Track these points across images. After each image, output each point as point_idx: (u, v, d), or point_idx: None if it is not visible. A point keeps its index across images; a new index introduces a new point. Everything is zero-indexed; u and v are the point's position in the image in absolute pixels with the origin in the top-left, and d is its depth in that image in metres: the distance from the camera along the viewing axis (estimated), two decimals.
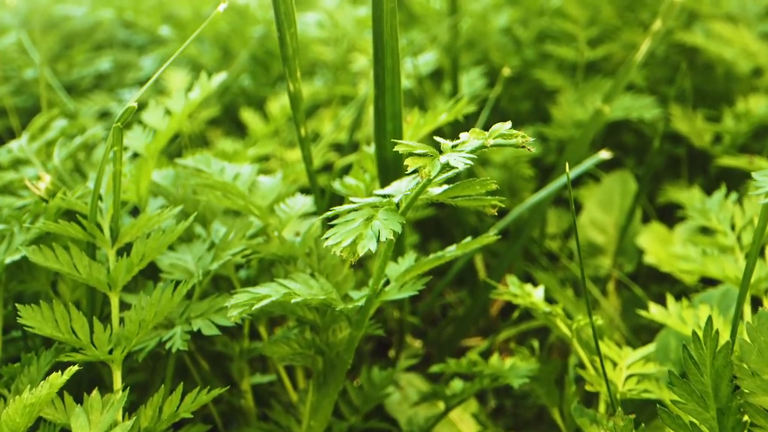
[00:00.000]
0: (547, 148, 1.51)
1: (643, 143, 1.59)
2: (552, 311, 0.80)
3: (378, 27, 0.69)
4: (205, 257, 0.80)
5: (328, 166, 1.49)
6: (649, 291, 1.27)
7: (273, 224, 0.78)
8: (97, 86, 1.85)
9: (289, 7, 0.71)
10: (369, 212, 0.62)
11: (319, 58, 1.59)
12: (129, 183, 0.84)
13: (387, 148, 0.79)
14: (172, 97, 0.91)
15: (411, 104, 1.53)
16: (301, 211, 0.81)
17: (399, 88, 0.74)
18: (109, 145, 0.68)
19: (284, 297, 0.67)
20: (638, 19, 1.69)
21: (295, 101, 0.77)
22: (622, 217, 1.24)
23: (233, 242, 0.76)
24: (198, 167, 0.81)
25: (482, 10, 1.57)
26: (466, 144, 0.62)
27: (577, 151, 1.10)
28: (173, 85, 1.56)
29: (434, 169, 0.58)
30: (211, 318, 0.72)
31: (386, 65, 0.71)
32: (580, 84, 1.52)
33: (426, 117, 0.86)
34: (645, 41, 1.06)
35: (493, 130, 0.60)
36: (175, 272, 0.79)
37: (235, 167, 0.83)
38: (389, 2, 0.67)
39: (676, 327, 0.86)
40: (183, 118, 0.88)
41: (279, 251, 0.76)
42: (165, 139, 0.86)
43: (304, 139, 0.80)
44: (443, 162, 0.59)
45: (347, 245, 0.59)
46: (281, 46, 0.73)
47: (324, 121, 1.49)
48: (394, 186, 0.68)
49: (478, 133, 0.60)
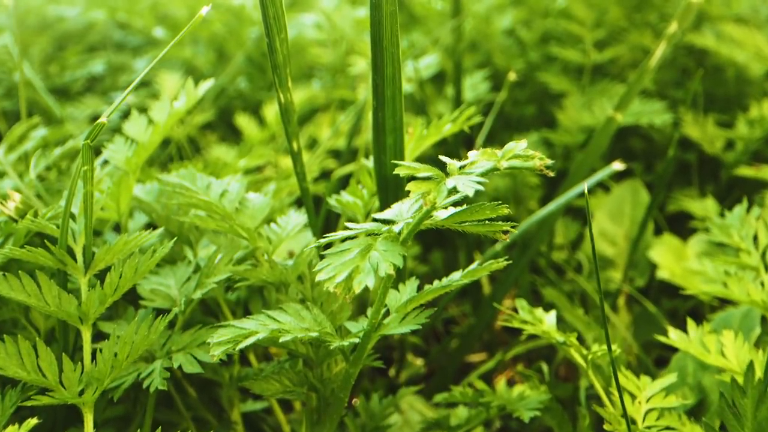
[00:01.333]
0: (552, 153, 1.43)
1: (652, 148, 1.51)
2: (566, 341, 0.72)
3: (377, 32, 0.61)
4: (190, 282, 0.72)
5: (326, 173, 1.41)
6: (660, 305, 1.19)
7: (262, 247, 0.70)
8: (90, 89, 1.77)
9: (279, 11, 0.63)
10: (366, 242, 0.55)
11: (317, 61, 1.51)
12: (108, 200, 0.76)
13: (387, 164, 0.71)
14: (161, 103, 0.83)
15: (412, 109, 1.45)
16: (293, 231, 0.73)
17: (400, 99, 0.66)
18: (79, 164, 0.60)
19: (272, 333, 0.59)
20: (645, 21, 1.61)
21: (287, 113, 0.69)
22: (633, 228, 1.16)
23: (218, 268, 0.68)
24: (182, 183, 0.73)
25: (485, 12, 1.49)
26: (475, 165, 0.54)
27: (588, 161, 1.02)
28: (166, 89, 1.48)
29: (440, 195, 0.51)
30: (194, 353, 0.64)
31: (386, 74, 0.63)
32: (586, 88, 1.44)
33: (429, 128, 0.78)
34: (659, 45, 0.98)
35: (507, 150, 0.52)
36: (157, 299, 0.71)
37: (221, 183, 0.75)
38: (389, 5, 0.59)
39: (697, 355, 0.78)
40: (167, 129, 0.80)
41: (269, 277, 0.68)
42: (148, 152, 0.78)
43: (296, 154, 0.72)
44: (450, 187, 0.51)
45: (341, 281, 0.52)
46: (270, 53, 0.65)
47: (322, 127, 1.41)
48: (394, 209, 0.61)
49: (489, 153, 0.52)
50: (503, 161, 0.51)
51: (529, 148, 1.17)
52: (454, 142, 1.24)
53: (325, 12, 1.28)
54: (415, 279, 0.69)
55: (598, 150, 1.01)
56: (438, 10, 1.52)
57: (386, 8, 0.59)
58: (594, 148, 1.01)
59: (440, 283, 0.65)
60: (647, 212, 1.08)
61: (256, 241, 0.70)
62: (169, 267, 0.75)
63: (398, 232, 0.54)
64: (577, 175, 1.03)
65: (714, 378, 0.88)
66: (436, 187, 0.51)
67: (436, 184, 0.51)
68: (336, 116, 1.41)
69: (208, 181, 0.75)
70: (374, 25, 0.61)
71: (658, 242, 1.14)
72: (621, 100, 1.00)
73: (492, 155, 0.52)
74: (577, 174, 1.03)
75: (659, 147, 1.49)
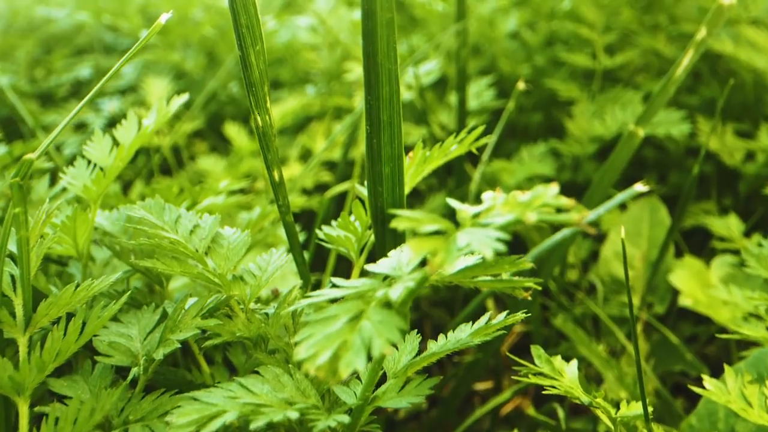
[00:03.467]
0: (561, 164, 1.30)
1: (665, 158, 1.38)
2: (592, 401, 0.60)
3: (370, 45, 0.49)
4: (155, 333, 0.60)
5: (321, 186, 1.28)
6: (679, 331, 1.07)
7: (238, 295, 0.58)
8: (77, 94, 1.64)
9: (253, 19, 0.50)
10: (357, 307, 0.42)
11: (312, 65, 1.39)
12: (63, 234, 0.64)
13: (383, 196, 0.59)
14: (128, 121, 0.71)
15: (412, 118, 1.32)
16: (276, 272, 0.61)
17: (399, 123, 0.53)
18: (11, 205, 0.48)
19: (244, 411, 0.47)
20: (654, 23, 1.48)
21: (265, 137, 0.56)
22: (651, 249, 1.04)
23: (185, 322, 0.56)
24: (145, 218, 0.61)
25: (489, 14, 1.36)
26: (492, 214, 0.41)
27: (606, 180, 0.90)
28: (153, 95, 1.36)
29: (449, 256, 0.38)
30: (153, 426, 0.52)
31: (382, 95, 0.51)
32: (596, 95, 1.32)
33: (433, 151, 0.66)
34: (687, 53, 0.86)
35: (535, 196, 0.40)
36: (115, 354, 0.58)
37: (192, 217, 0.62)
38: (385, 12, 0.46)
39: (738, 411, 0.66)
40: (133, 152, 0.67)
41: (244, 332, 0.56)
42: (110, 179, 0.66)
43: (278, 185, 0.59)
44: (462, 245, 0.39)
45: (324, 361, 0.40)
46: (244, 69, 0.53)
47: (316, 136, 1.28)
48: (392, 259, 0.48)
49: (513, 204, 0.40)
50: (529, 212, 0.39)
51: (537, 159, 1.03)
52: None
53: (319, 15, 1.15)
54: (417, 334, 0.57)
55: (618, 168, 0.89)
56: (439, 12, 1.39)
57: (381, 16, 0.47)
58: (613, 167, 0.89)
59: (446, 341, 0.53)
60: (668, 234, 0.96)
61: (230, 288, 0.57)
62: (133, 313, 0.63)
63: (396, 297, 0.42)
64: (594, 196, 0.91)
65: (750, 426, 0.76)
66: (445, 245, 0.39)
67: (444, 242, 0.39)
68: (331, 125, 1.28)
69: (177, 214, 0.63)
70: (367, 36, 0.48)
71: (679, 265, 1.01)
72: (643, 112, 0.88)
73: (515, 205, 0.40)
74: (594, 194, 0.91)
75: (673, 157, 1.37)
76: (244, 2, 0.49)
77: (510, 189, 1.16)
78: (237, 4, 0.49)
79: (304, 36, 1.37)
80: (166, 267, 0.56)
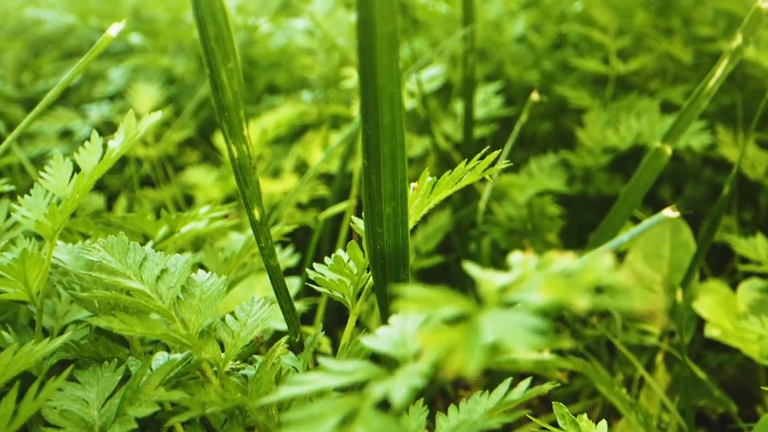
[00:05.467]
0: (572, 176, 1.20)
1: (681, 169, 1.28)
2: None
3: (368, 63, 0.38)
4: (114, 399, 0.49)
5: (317, 201, 1.18)
6: (703, 362, 0.97)
7: (211, 357, 0.47)
8: (64, 99, 1.53)
9: (223, 30, 0.39)
10: (349, 406, 0.32)
11: (309, 71, 1.28)
12: (12, 277, 0.54)
13: (384, 238, 0.48)
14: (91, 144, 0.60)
15: (414, 128, 1.21)
16: (256, 327, 0.50)
17: (402, 156, 0.43)
18: None
19: None
20: (667, 26, 1.37)
21: (243, 171, 0.46)
22: (673, 273, 0.93)
23: (146, 391, 0.45)
24: (104, 263, 0.50)
25: (496, 18, 1.25)
26: (525, 287, 0.31)
27: (630, 201, 0.79)
28: (140, 102, 1.25)
29: (472, 357, 0.28)
30: None
31: (382, 124, 0.40)
32: (609, 102, 1.21)
33: (440, 181, 0.55)
34: (721, 62, 0.75)
35: (585, 269, 0.30)
36: (67, 426, 0.48)
37: (160, 260, 0.52)
38: (386, 24, 0.36)
39: None
40: (94, 181, 0.57)
41: (218, 403, 0.46)
42: (67, 213, 0.56)
43: (259, 224, 0.49)
44: (489, 338, 0.28)
45: None
46: (214, 91, 0.42)
47: (313, 147, 1.18)
48: (395, 330, 0.38)
49: (554, 282, 0.29)
50: (578, 294, 0.28)
51: (547, 172, 0.90)
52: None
53: (315, 18, 1.04)
54: (424, 406, 0.46)
55: (642, 189, 0.78)
56: (443, 14, 1.28)
57: (382, 28, 0.36)
58: (637, 187, 0.78)
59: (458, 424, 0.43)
60: (694, 260, 0.86)
61: (201, 351, 0.47)
62: (93, 370, 0.52)
63: (398, 399, 0.31)
64: (615, 218, 0.80)
65: None
66: (466, 340, 0.28)
67: (465, 335, 0.28)
68: (329, 135, 1.18)
69: (143, 255, 0.52)
70: (364, 52, 0.38)
71: (704, 290, 0.91)
72: (671, 128, 0.77)
73: (557, 284, 0.29)
74: (616, 216, 0.80)
75: (689, 168, 1.26)
76: (212, 10, 0.38)
77: (520, 207, 1.06)
78: (203, 12, 0.38)
79: (300, 40, 1.26)
80: (125, 326, 0.46)
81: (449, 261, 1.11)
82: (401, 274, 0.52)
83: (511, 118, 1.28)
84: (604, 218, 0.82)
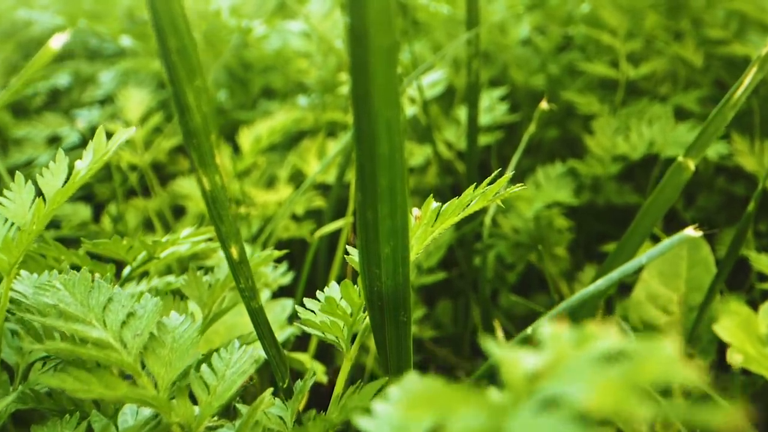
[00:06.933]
0: (580, 185, 1.12)
1: (693, 178, 1.20)
2: None
3: (361, 84, 0.31)
4: None
5: (313, 212, 1.10)
6: (720, 384, 0.90)
7: (183, 419, 0.40)
8: (54, 102, 1.46)
9: (187, 43, 0.32)
10: None
11: (305, 75, 1.20)
12: None
13: (382, 279, 0.41)
14: (56, 163, 0.53)
15: (415, 136, 1.14)
16: (236, 382, 0.43)
17: (402, 189, 0.35)
18: None
19: None
20: (677, 29, 1.29)
21: (216, 204, 0.38)
22: (691, 293, 0.86)
23: None
24: (61, 306, 0.43)
25: (500, 20, 1.18)
26: (559, 373, 0.24)
27: (650, 218, 0.72)
28: (130, 107, 1.17)
29: None
30: None
31: (379, 153, 0.33)
32: (618, 108, 1.13)
33: (446, 209, 0.48)
34: (749, 71, 0.67)
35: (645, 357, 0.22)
36: None
37: (127, 302, 0.44)
38: (383, 37, 0.28)
39: None
40: (56, 206, 0.49)
41: None
42: (24, 245, 0.48)
43: (239, 263, 0.41)
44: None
45: None
46: (179, 113, 0.35)
47: (309, 155, 1.10)
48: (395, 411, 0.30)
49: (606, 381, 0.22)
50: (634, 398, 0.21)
51: (554, 182, 0.82)
52: (467, 173, 0.94)
53: (311, 20, 0.97)
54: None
55: (663, 206, 0.71)
56: (445, 16, 1.21)
57: (377, 41, 0.28)
58: (657, 204, 0.71)
59: None
60: (715, 280, 0.78)
61: (171, 414, 0.40)
62: (52, 425, 0.45)
63: None
64: (634, 236, 0.73)
65: None
66: None
67: None
68: (325, 143, 1.10)
69: (108, 295, 0.45)
70: (357, 70, 0.30)
71: (724, 310, 0.83)
72: (695, 141, 0.70)
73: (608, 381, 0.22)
74: (634, 234, 0.73)
75: (701, 177, 1.19)
76: (172, 18, 0.31)
77: (528, 221, 0.98)
78: (162, 20, 0.31)
79: (296, 42, 1.18)
80: (81, 385, 0.38)
81: (452, 276, 1.04)
82: (401, 317, 0.44)
83: (516, 123, 1.21)
84: (622, 237, 0.74)
